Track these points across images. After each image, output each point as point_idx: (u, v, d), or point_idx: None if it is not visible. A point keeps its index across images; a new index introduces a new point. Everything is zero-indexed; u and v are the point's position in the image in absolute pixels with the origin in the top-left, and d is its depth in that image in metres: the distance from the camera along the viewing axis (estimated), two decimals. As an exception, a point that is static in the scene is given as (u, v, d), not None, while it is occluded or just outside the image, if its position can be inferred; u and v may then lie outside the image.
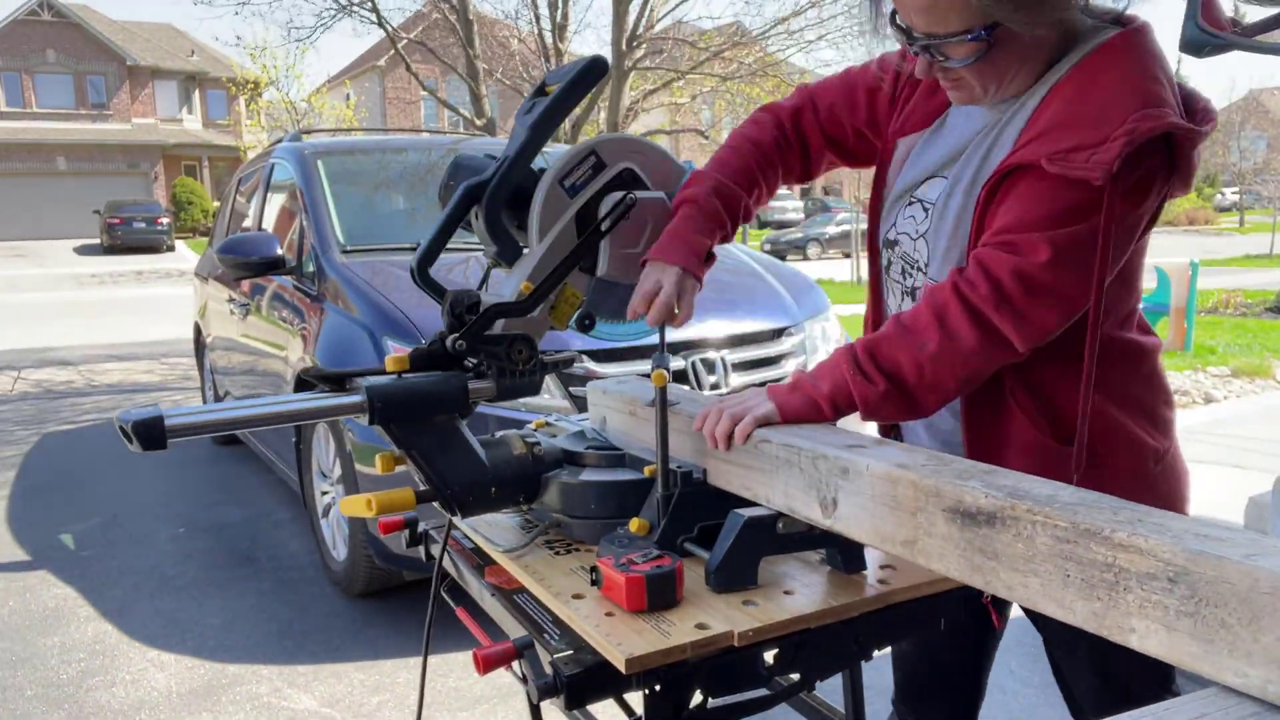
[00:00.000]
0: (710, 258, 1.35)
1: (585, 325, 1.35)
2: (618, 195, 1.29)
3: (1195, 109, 1.13)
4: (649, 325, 1.29)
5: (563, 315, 1.32)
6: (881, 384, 1.13)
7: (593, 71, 1.32)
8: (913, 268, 1.34)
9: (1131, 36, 1.12)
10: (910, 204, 1.33)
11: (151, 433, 1.05)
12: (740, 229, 1.44)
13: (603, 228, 1.28)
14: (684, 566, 1.11)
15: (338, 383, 1.21)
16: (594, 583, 1.13)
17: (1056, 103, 1.13)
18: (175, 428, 1.07)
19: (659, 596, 1.07)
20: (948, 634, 1.23)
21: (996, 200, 1.16)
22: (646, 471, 1.29)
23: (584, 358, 3.01)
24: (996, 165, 1.16)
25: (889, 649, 1.38)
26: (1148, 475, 1.25)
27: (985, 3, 1.08)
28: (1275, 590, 0.66)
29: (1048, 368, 1.20)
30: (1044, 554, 0.82)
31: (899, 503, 0.97)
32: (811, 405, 1.17)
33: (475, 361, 1.26)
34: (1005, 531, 0.86)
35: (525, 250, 1.31)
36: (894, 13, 1.17)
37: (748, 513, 1.14)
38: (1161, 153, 1.08)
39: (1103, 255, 1.09)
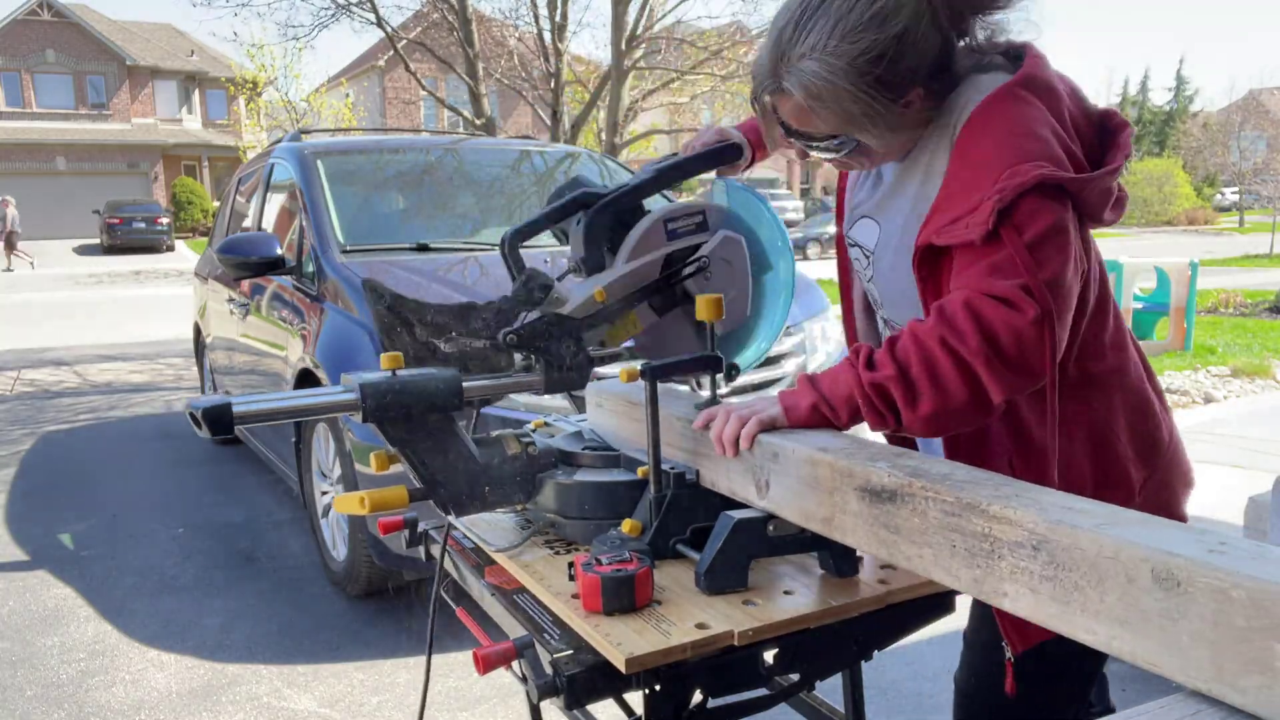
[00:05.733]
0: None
1: (733, 375, 1.42)
2: (702, 257, 1.38)
3: (1110, 130, 1.16)
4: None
5: (617, 337, 1.40)
6: (891, 421, 1.08)
7: (726, 153, 1.48)
8: (874, 303, 1.39)
9: (1005, 92, 1.13)
10: (851, 246, 1.38)
11: (221, 419, 1.13)
12: None
13: (684, 271, 1.38)
14: (651, 572, 1.10)
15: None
16: (570, 579, 1.14)
17: (946, 176, 1.16)
18: (242, 415, 1.15)
19: (614, 599, 1.07)
20: None
21: (937, 273, 1.16)
22: (640, 473, 1.29)
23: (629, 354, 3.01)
24: (914, 232, 1.19)
25: (889, 648, 1.38)
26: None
27: (847, 126, 1.15)
28: (1117, 555, 0.73)
29: (1029, 407, 1.16)
30: (935, 527, 0.90)
31: (819, 483, 1.04)
32: (820, 408, 1.12)
33: (523, 355, 1.33)
34: (904, 507, 0.94)
35: (608, 267, 1.39)
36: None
37: (738, 514, 1.14)
38: (1055, 194, 1.07)
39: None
